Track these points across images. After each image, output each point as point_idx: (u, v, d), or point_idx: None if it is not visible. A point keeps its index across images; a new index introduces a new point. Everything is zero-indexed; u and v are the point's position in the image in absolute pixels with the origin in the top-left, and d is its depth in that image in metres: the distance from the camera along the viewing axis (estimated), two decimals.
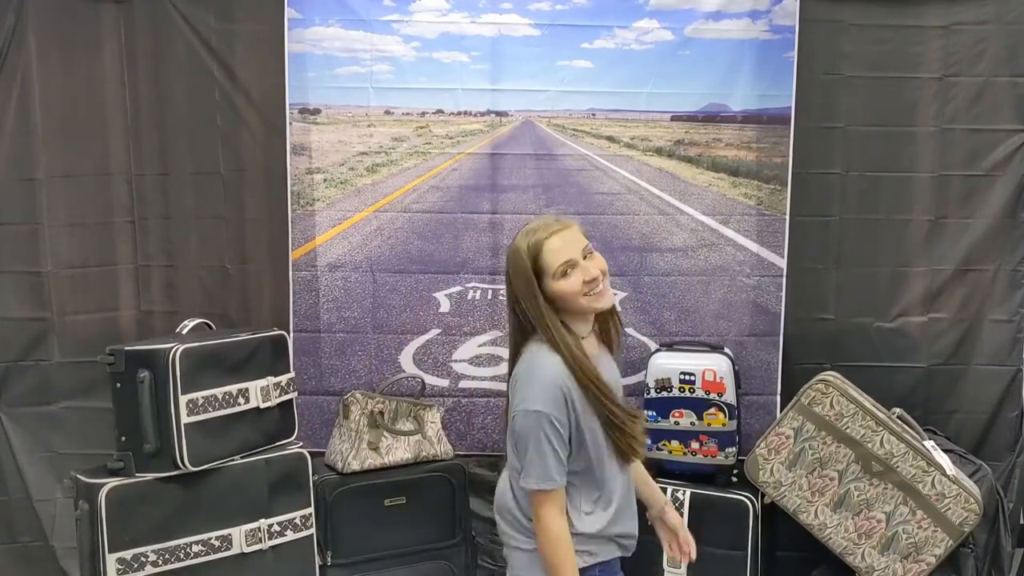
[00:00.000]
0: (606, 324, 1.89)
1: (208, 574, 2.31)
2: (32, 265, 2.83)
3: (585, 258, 1.75)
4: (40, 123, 2.80)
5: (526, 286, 1.74)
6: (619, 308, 2.07)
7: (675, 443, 2.57)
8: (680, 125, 2.84)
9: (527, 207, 2.85)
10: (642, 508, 1.99)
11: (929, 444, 2.42)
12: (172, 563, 2.26)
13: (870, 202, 2.84)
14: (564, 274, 1.73)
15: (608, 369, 1.85)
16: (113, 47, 2.83)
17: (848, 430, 2.41)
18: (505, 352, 2.88)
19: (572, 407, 1.71)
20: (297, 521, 2.47)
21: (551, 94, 2.82)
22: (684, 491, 2.50)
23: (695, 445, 2.55)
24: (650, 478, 2.04)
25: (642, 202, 2.86)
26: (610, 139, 2.85)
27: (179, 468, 2.24)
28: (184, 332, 2.49)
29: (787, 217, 2.82)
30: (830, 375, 2.48)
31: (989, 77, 2.77)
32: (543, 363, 1.73)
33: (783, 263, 2.83)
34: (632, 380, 2.86)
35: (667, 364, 2.59)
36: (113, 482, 2.21)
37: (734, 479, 2.61)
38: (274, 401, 2.46)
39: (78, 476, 2.27)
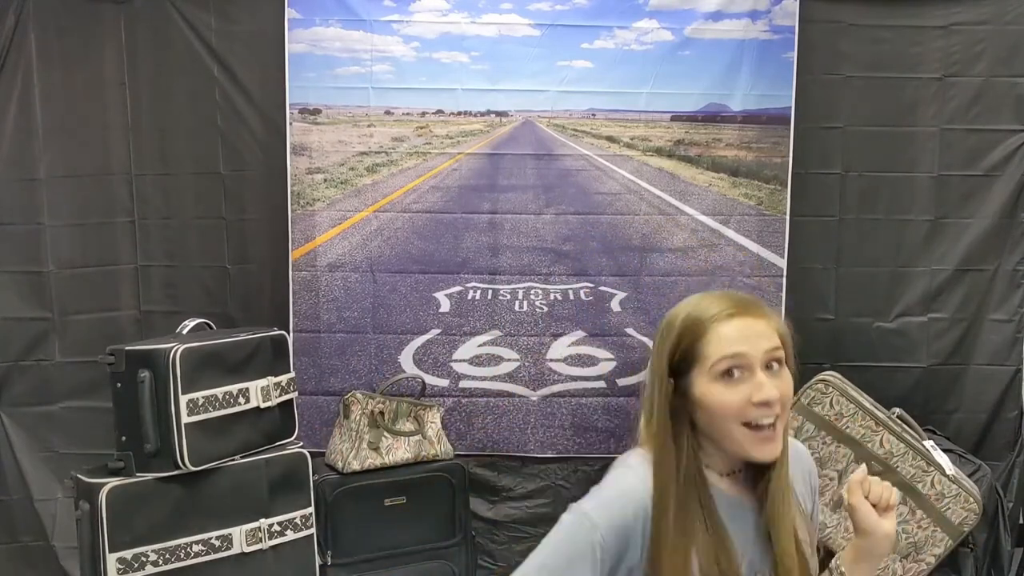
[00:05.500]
0: (766, 476, 1.21)
1: (208, 574, 2.31)
2: (33, 265, 2.83)
3: (768, 368, 1.18)
4: (41, 123, 2.80)
5: (658, 367, 1.20)
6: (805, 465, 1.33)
7: None
8: (680, 125, 2.84)
9: (527, 207, 2.86)
10: None
11: (929, 444, 2.42)
12: (172, 563, 2.26)
13: (870, 202, 2.84)
14: (726, 375, 1.15)
15: (738, 540, 1.19)
16: (114, 47, 2.83)
17: (848, 430, 2.41)
18: (505, 352, 2.91)
19: (632, 546, 1.14)
20: (297, 521, 2.47)
21: (551, 94, 2.83)
22: None
23: None
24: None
25: (642, 202, 2.86)
26: (610, 139, 2.86)
27: (179, 468, 2.24)
28: (184, 332, 2.49)
29: (787, 217, 2.82)
30: (830, 375, 2.48)
31: (988, 77, 2.78)
32: (631, 472, 1.20)
33: (783, 263, 2.83)
34: (632, 380, 2.87)
35: None
36: (113, 482, 2.20)
37: None
38: (274, 401, 2.46)
39: (78, 476, 2.27)
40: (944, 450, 2.45)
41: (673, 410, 1.18)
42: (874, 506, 1.24)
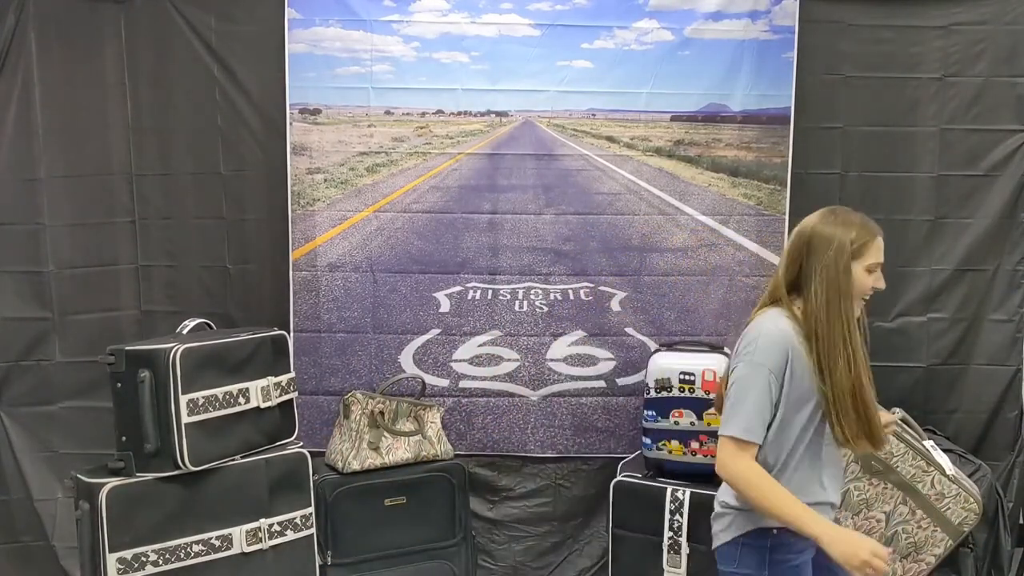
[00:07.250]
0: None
1: (208, 574, 2.31)
2: (33, 265, 2.84)
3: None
4: (41, 123, 2.81)
5: (842, 260, 1.78)
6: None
7: (675, 443, 2.57)
8: (680, 125, 2.84)
9: (527, 207, 2.86)
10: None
11: (929, 444, 2.43)
12: (172, 563, 2.26)
13: (870, 202, 2.83)
14: (870, 271, 1.82)
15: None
16: (114, 47, 2.83)
17: None
18: (505, 352, 2.91)
19: (791, 370, 1.76)
20: (297, 521, 2.47)
21: (551, 94, 2.83)
22: (684, 491, 2.50)
23: (695, 445, 2.55)
24: None
25: (642, 202, 2.86)
26: (610, 139, 2.86)
27: (179, 468, 2.24)
28: (184, 332, 2.49)
29: (787, 217, 2.82)
30: None
31: (988, 77, 2.78)
32: (776, 324, 1.79)
33: None
34: (632, 380, 2.87)
35: (667, 364, 2.59)
36: (113, 482, 2.21)
37: None
38: (274, 401, 2.47)
39: (79, 476, 2.27)
40: (944, 450, 2.46)
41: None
42: None
